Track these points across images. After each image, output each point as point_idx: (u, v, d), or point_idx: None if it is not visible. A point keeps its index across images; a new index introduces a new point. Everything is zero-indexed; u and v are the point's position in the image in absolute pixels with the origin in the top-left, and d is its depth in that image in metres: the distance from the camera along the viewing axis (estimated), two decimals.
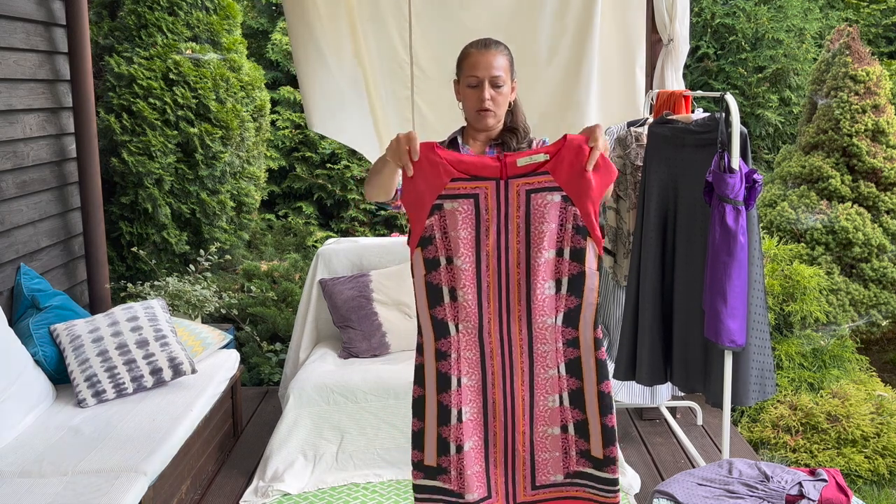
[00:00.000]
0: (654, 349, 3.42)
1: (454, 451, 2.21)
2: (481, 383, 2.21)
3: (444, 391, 2.19)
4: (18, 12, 3.99)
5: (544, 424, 2.23)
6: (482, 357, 2.19)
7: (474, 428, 2.22)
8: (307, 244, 6.37)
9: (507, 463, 2.26)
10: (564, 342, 2.18)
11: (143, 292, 4.49)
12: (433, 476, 2.25)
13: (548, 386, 2.21)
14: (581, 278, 2.14)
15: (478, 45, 2.34)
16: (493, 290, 2.15)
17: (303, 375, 3.72)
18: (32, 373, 3.31)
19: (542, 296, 2.14)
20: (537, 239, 2.11)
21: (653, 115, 3.78)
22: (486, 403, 2.22)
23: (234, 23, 5.61)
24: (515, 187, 2.12)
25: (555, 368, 2.19)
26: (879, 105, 5.04)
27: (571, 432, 2.23)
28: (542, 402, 2.22)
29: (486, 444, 2.24)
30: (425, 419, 2.23)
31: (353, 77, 4.21)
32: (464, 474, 2.20)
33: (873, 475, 3.81)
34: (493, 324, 2.17)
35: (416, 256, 2.18)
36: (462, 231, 2.13)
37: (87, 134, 4.44)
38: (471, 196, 2.12)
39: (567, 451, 2.24)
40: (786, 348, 4.47)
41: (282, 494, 3.39)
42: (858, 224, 4.91)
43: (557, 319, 2.16)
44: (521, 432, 2.22)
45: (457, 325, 2.17)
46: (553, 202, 2.10)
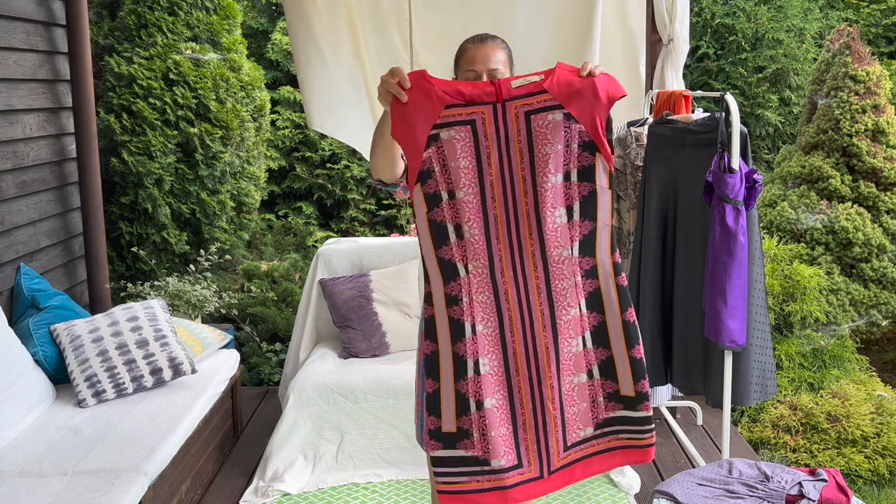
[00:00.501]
0: (654, 350, 3.43)
1: (475, 409, 2.01)
2: (499, 331, 2.03)
3: (458, 340, 2.02)
4: (18, 12, 3.99)
5: (570, 373, 2.06)
6: (496, 300, 2.03)
7: (496, 383, 2.03)
8: (307, 244, 6.37)
9: (537, 425, 2.05)
10: (582, 274, 2.04)
11: (143, 292, 4.49)
12: (452, 444, 2.03)
13: (570, 329, 2.05)
14: (593, 199, 2.00)
15: (474, 40, 2.29)
16: (502, 223, 2.01)
17: (303, 375, 3.72)
18: (32, 373, 3.31)
19: (554, 225, 2.00)
20: (542, 163, 1.98)
21: (653, 115, 3.78)
22: (506, 355, 2.04)
23: (234, 23, 5.61)
24: (513, 109, 1.98)
25: (576, 307, 2.03)
26: (879, 105, 5.04)
27: (597, 376, 2.07)
28: (567, 347, 2.05)
29: (511, 403, 2.05)
30: (440, 376, 2.02)
31: (352, 75, 4.22)
32: (487, 436, 2.01)
33: (873, 475, 3.81)
34: (506, 262, 2.02)
35: (416, 194, 2.03)
36: (462, 160, 2.00)
37: (87, 134, 4.44)
38: (467, 122, 1.99)
39: (595, 398, 2.08)
40: (786, 348, 4.47)
41: (282, 494, 3.39)
42: (858, 224, 4.91)
43: (573, 249, 2.02)
44: (549, 386, 2.03)
45: (466, 265, 2.02)
46: (555, 121, 1.97)
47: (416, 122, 1.98)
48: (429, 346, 2.06)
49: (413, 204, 2.05)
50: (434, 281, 2.05)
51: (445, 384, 2.03)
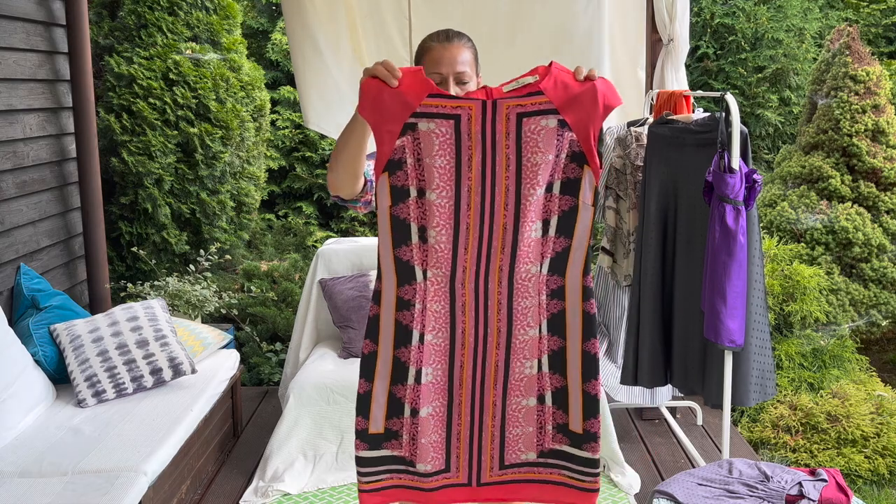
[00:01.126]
0: (654, 350, 3.42)
1: (408, 414, 1.90)
2: (448, 343, 1.89)
3: (402, 346, 1.88)
4: (18, 12, 3.99)
5: (518, 395, 1.94)
6: (452, 312, 1.87)
7: (436, 393, 1.91)
8: (307, 244, 6.37)
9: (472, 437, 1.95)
10: (548, 293, 1.88)
11: (143, 292, 4.49)
12: (378, 444, 1.94)
13: (526, 349, 1.91)
14: (573, 215, 1.83)
15: (439, 38, 2.06)
16: (474, 234, 1.83)
17: (303, 375, 3.72)
18: (32, 373, 3.31)
19: (529, 240, 1.84)
20: (530, 173, 1.79)
21: (653, 115, 3.78)
22: (452, 367, 1.90)
23: (234, 23, 5.61)
24: (505, 109, 1.78)
25: (536, 328, 1.89)
26: (879, 105, 5.04)
27: (549, 402, 1.93)
28: (519, 368, 1.91)
29: (448, 414, 1.93)
30: (374, 378, 1.89)
31: (350, 74, 4.22)
32: (417, 441, 1.89)
33: (873, 475, 3.81)
34: (469, 273, 1.85)
35: (381, 183, 1.83)
36: (439, 158, 1.79)
37: (87, 134, 4.44)
38: (451, 117, 1.78)
39: (542, 425, 1.95)
40: (786, 348, 4.47)
41: (282, 494, 3.39)
42: (858, 224, 4.91)
43: (542, 267, 1.86)
44: (492, 403, 1.92)
45: (425, 270, 1.85)
46: (548, 128, 1.78)
47: (393, 104, 1.78)
48: (368, 345, 1.91)
49: (377, 194, 1.86)
50: (387, 280, 1.88)
51: (380, 385, 1.91)
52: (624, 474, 3.53)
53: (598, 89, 1.79)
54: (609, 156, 3.75)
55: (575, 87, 1.79)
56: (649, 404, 4.01)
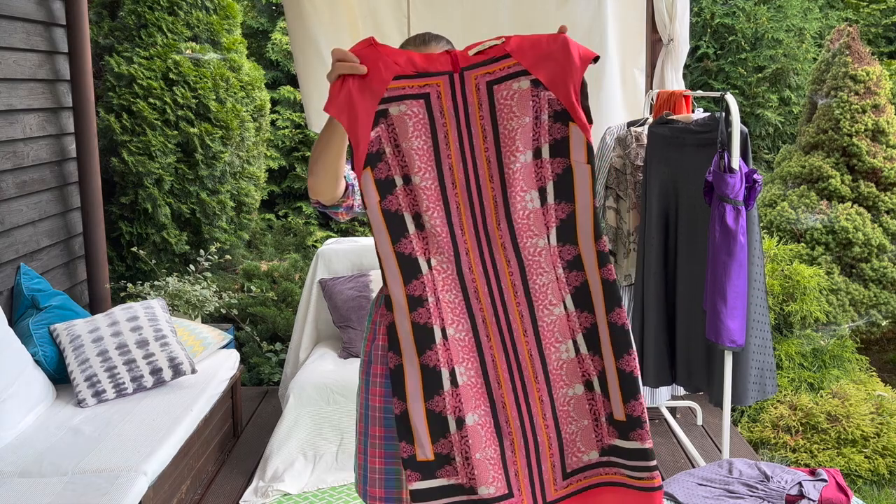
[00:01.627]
0: (659, 350, 3.43)
1: (454, 428, 1.73)
2: (472, 335, 1.76)
3: (426, 349, 1.74)
4: (18, 12, 3.99)
5: (563, 384, 1.78)
6: (466, 300, 1.76)
7: (476, 395, 1.75)
8: (307, 244, 6.37)
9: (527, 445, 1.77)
10: (564, 266, 1.75)
11: (143, 292, 4.49)
12: (432, 473, 1.75)
13: (556, 331, 1.77)
14: (568, 176, 1.72)
15: (416, 42, 2.00)
16: (465, 212, 1.75)
17: (303, 375, 3.72)
18: (32, 373, 3.31)
19: (525, 212, 1.74)
20: (508, 139, 1.72)
21: (653, 115, 3.78)
22: (484, 365, 1.77)
23: (234, 23, 5.61)
24: (473, 80, 1.72)
25: (559, 304, 1.76)
26: (879, 105, 5.04)
27: (598, 389, 1.77)
28: (554, 354, 1.76)
29: (495, 420, 1.77)
30: (407, 395, 1.74)
31: None
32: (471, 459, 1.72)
33: (873, 475, 3.81)
34: (473, 256, 1.76)
35: (365, 180, 1.75)
36: (415, 140, 1.73)
37: (87, 134, 4.44)
38: (420, 96, 1.72)
39: (597, 416, 1.78)
40: (786, 348, 4.47)
41: (282, 494, 3.39)
42: (858, 224, 4.91)
43: (550, 238, 1.74)
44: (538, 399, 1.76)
45: (428, 259, 1.75)
46: (521, 90, 1.70)
47: (359, 97, 1.71)
48: (393, 358, 1.78)
49: (363, 193, 1.78)
50: (392, 281, 1.77)
51: (414, 403, 1.74)
52: None
53: (570, 41, 1.69)
54: (609, 156, 3.75)
55: (544, 43, 1.70)
56: (649, 404, 4.01)
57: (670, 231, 3.37)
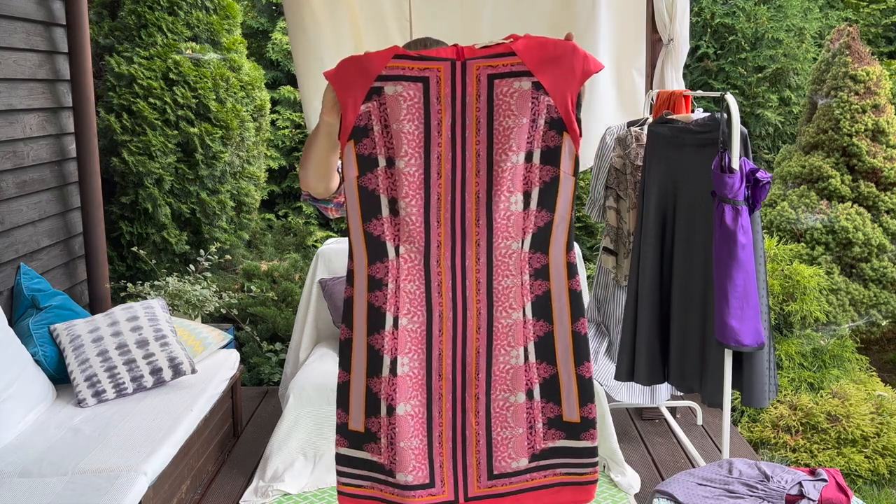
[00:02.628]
0: (652, 348, 3.43)
1: (385, 412, 1.76)
2: (425, 327, 1.76)
3: (375, 331, 1.76)
4: (18, 12, 3.99)
5: (505, 390, 1.80)
6: (427, 292, 1.76)
7: (413, 388, 1.77)
8: (307, 244, 6.37)
9: (455, 440, 1.81)
10: (532, 273, 1.76)
11: (143, 292, 4.49)
12: (359, 444, 1.81)
13: (510, 335, 1.78)
14: (555, 186, 1.72)
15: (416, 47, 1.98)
16: (445, 204, 1.73)
17: (303, 375, 3.72)
18: (32, 373, 3.31)
19: (507, 213, 1.73)
20: (502, 138, 1.70)
21: (653, 115, 3.78)
22: (430, 356, 1.77)
23: (234, 23, 5.61)
24: (475, 70, 1.69)
25: (519, 310, 1.77)
26: (879, 105, 5.04)
27: (537, 397, 1.80)
28: (503, 357, 1.78)
29: (429, 412, 1.79)
30: (352, 368, 1.79)
31: None
32: (395, 445, 1.75)
33: (873, 475, 3.81)
34: (444, 249, 1.74)
35: (347, 152, 1.74)
36: (407, 123, 1.70)
37: (87, 134, 4.44)
38: (419, 79, 1.69)
39: (532, 424, 1.81)
40: (786, 348, 4.47)
41: (282, 494, 3.39)
42: (858, 224, 4.91)
43: (524, 243, 1.75)
44: (474, 397, 1.79)
45: (397, 246, 1.74)
46: (522, 90, 1.69)
47: (358, 69, 1.70)
48: (343, 331, 1.82)
49: (342, 163, 1.76)
50: (357, 258, 1.77)
51: (356, 377, 1.79)
52: (624, 474, 3.53)
53: (574, 52, 1.69)
54: (609, 156, 3.75)
55: (550, 49, 1.69)
56: (649, 404, 4.01)
57: (667, 230, 3.37)
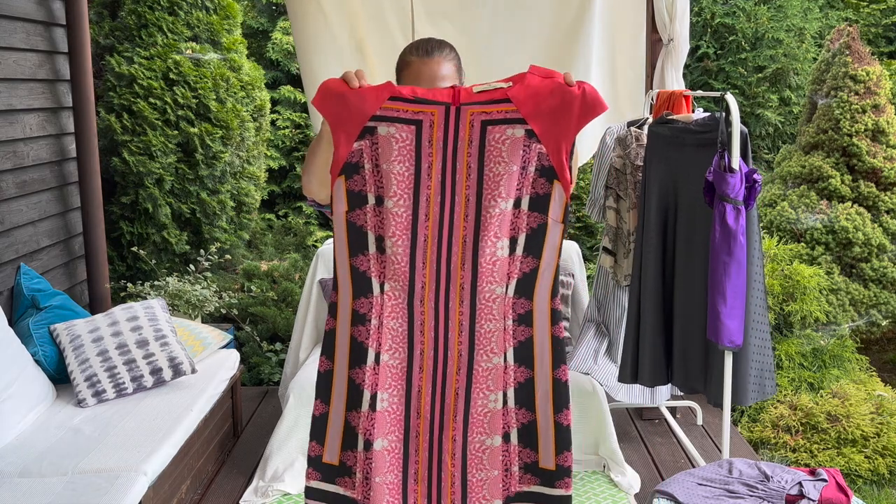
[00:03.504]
0: (655, 350, 3.42)
1: (361, 447, 1.77)
2: (406, 365, 1.77)
3: (356, 366, 1.77)
4: (18, 12, 3.99)
5: (482, 433, 1.81)
6: (410, 330, 1.77)
7: (392, 423, 1.78)
8: (307, 244, 6.37)
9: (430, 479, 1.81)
10: (515, 318, 1.77)
11: (143, 292, 4.49)
12: (332, 478, 1.81)
13: (490, 380, 1.79)
14: (542, 233, 1.73)
15: (419, 52, 2.01)
16: (432, 246, 1.74)
17: (303, 375, 3.72)
18: (32, 373, 3.31)
19: (493, 258, 1.74)
20: (492, 184, 1.71)
21: (653, 115, 3.78)
22: (409, 394, 1.78)
23: (234, 23, 5.61)
24: (469, 116, 1.70)
25: (500, 355, 1.78)
26: (879, 105, 5.04)
27: (514, 441, 1.81)
28: (482, 401, 1.79)
29: (405, 448, 1.80)
30: (331, 401, 1.79)
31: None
32: (371, 480, 1.75)
33: (873, 475, 3.81)
34: (429, 289, 1.76)
35: (337, 187, 1.74)
36: (397, 164, 1.71)
37: (87, 134, 4.44)
38: (412, 122, 1.70)
39: (508, 467, 1.82)
40: (786, 348, 4.47)
41: (282, 494, 3.39)
42: (858, 224, 4.91)
43: (509, 288, 1.75)
44: (451, 438, 1.79)
45: (382, 283, 1.76)
46: (514, 137, 1.69)
47: (353, 105, 1.70)
48: (323, 363, 1.82)
49: (332, 197, 1.77)
50: (342, 291, 1.79)
51: (335, 410, 1.80)
52: (624, 474, 3.53)
53: (574, 100, 1.68)
54: (609, 156, 3.75)
55: (546, 97, 1.69)
56: (649, 404, 4.01)
57: (668, 231, 3.37)
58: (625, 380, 3.57)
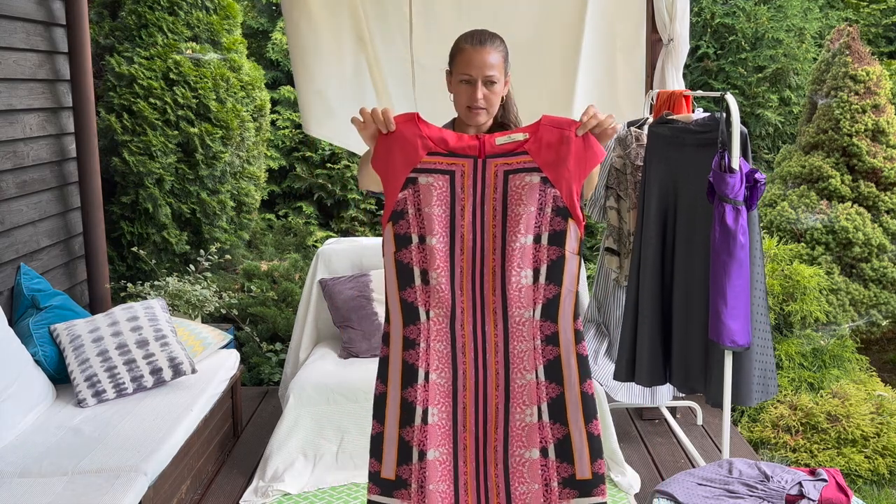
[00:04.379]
0: (653, 349, 3.42)
1: (416, 459, 2.00)
2: (451, 383, 2.02)
3: (409, 385, 2.02)
4: (18, 12, 3.99)
5: (521, 446, 2.03)
6: (453, 351, 2.03)
7: (442, 436, 2.02)
8: (307, 244, 6.37)
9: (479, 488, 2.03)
10: (543, 339, 2.02)
11: (143, 292, 4.49)
12: (389, 491, 2.04)
13: (525, 395, 2.03)
14: (560, 263, 2.01)
15: (472, 41, 2.21)
16: (467, 276, 2.03)
17: (303, 375, 3.72)
18: (32, 373, 3.31)
19: (518, 285, 2.01)
20: (513, 222, 2.01)
21: (653, 115, 3.78)
22: (455, 408, 2.02)
23: (234, 23, 5.61)
24: (493, 167, 2.02)
25: (532, 372, 2.02)
26: (879, 105, 5.04)
27: (552, 456, 2.02)
28: (519, 414, 2.02)
29: (455, 460, 2.02)
30: (385, 420, 2.04)
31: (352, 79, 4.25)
32: (425, 488, 1.97)
33: (873, 475, 3.81)
34: (467, 315, 2.03)
35: (386, 232, 2.06)
36: (436, 208, 2.02)
37: (87, 134, 4.44)
38: (447, 172, 2.02)
39: (548, 482, 2.02)
40: (786, 348, 4.47)
41: (282, 494, 3.39)
42: (858, 224, 4.91)
43: (535, 312, 2.02)
44: (494, 449, 2.03)
45: (428, 311, 2.03)
46: (532, 183, 2.00)
47: (397, 162, 2.03)
48: (379, 386, 2.07)
49: (384, 242, 2.08)
50: (394, 321, 2.06)
51: (390, 428, 2.04)
52: (624, 474, 3.54)
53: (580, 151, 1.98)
54: (609, 156, 3.76)
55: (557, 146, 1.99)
56: (649, 404, 4.01)
57: (668, 231, 3.37)
58: (620, 378, 3.56)
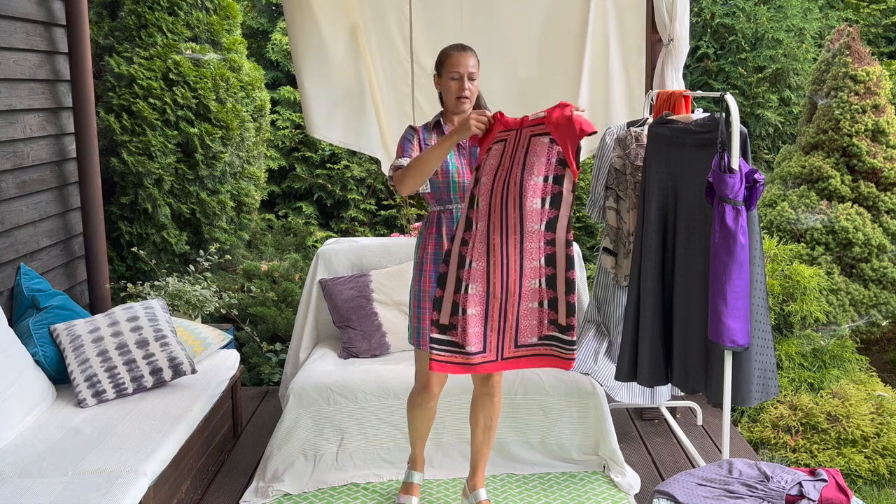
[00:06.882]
0: (654, 350, 3.42)
1: (461, 313, 2.97)
2: (485, 268, 2.96)
3: (461, 268, 2.96)
4: (18, 12, 3.99)
5: (528, 300, 2.99)
6: (488, 249, 2.95)
7: (478, 300, 2.97)
8: (307, 244, 6.37)
9: (500, 328, 3.02)
10: (545, 242, 2.94)
11: (143, 292, 4.49)
12: (444, 331, 2.97)
13: (531, 273, 2.97)
14: (559, 196, 2.89)
15: (457, 49, 3.10)
16: (497, 200, 2.94)
17: (303, 375, 3.72)
18: (32, 373, 3.32)
19: (532, 208, 2.90)
20: (530, 167, 2.89)
21: (653, 115, 3.78)
22: (488, 285, 2.97)
23: (234, 23, 5.61)
24: (526, 134, 2.92)
25: (537, 261, 2.95)
26: (879, 105, 5.04)
27: (546, 307, 2.98)
28: (528, 284, 2.98)
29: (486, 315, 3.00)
30: (445, 288, 2.99)
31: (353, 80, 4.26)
32: (467, 331, 2.95)
33: (873, 475, 3.81)
34: (496, 225, 2.95)
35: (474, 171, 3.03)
36: (492, 160, 2.97)
37: (87, 134, 4.44)
38: (502, 140, 2.96)
39: (541, 320, 3.00)
40: (786, 348, 4.47)
41: (282, 494, 3.39)
42: (858, 224, 4.91)
43: (542, 226, 2.92)
44: (512, 305, 2.98)
45: (476, 223, 2.96)
46: (544, 143, 2.88)
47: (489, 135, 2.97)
48: (443, 267, 3.01)
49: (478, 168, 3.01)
50: (459, 228, 3.00)
51: (447, 294, 2.98)
52: (624, 474, 3.54)
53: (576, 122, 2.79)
54: (609, 156, 3.75)
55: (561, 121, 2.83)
56: (649, 404, 4.01)
57: (668, 231, 3.37)
58: (621, 378, 3.56)
